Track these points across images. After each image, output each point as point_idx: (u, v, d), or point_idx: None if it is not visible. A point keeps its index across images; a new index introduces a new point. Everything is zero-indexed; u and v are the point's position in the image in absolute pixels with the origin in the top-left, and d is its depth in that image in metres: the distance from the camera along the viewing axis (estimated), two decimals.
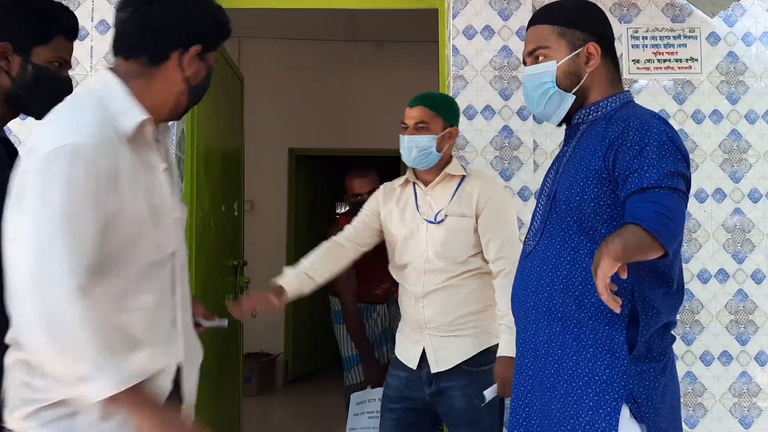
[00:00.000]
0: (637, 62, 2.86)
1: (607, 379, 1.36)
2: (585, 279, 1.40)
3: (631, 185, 1.33)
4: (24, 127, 2.62)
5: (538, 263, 1.49)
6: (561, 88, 1.52)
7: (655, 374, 1.39)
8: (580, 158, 1.46)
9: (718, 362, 2.76)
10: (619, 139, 1.39)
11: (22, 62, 1.52)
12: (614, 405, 1.35)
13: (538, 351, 1.47)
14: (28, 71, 1.53)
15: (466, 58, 2.80)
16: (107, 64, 2.73)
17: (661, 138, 1.36)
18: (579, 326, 1.41)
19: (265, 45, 5.70)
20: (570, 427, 1.37)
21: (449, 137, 2.17)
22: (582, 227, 1.43)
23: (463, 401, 2.07)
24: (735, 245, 2.81)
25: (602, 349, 1.38)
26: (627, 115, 1.44)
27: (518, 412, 1.50)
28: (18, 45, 1.51)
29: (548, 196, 1.53)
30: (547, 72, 1.52)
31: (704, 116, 2.85)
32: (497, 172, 2.76)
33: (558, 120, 1.57)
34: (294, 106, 5.75)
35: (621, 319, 1.38)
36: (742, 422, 2.75)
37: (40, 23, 1.54)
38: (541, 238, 1.51)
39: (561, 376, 1.41)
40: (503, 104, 2.78)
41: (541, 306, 1.46)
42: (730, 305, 2.78)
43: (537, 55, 1.54)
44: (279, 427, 4.73)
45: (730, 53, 2.88)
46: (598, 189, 1.41)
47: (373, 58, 5.81)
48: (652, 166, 1.33)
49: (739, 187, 2.83)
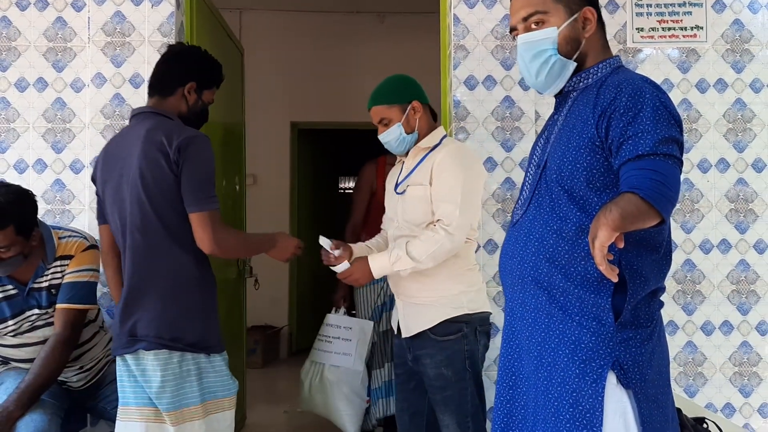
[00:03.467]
0: (641, 30, 2.82)
1: (593, 346, 1.36)
2: (572, 248, 1.40)
3: (626, 152, 1.31)
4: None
5: (525, 233, 1.48)
6: (562, 55, 1.47)
7: (642, 340, 1.38)
8: (572, 126, 1.44)
9: (719, 332, 2.77)
10: (611, 106, 1.36)
11: (197, 98, 2.10)
12: (600, 372, 1.35)
13: (525, 320, 1.48)
14: (198, 105, 2.11)
15: (467, 27, 2.76)
16: (104, 36, 2.70)
17: (654, 103, 1.34)
18: (565, 295, 1.41)
19: (266, 17, 5.64)
20: (557, 393, 1.38)
21: (414, 113, 2.22)
22: (572, 197, 1.41)
23: (432, 368, 2.13)
24: (738, 215, 2.80)
25: (588, 317, 1.38)
26: (618, 80, 1.41)
27: (505, 380, 1.51)
28: (198, 85, 2.09)
29: (537, 165, 1.51)
30: (547, 39, 1.47)
31: (708, 85, 2.82)
32: (498, 143, 2.74)
33: (557, 90, 1.53)
34: (295, 78, 5.70)
35: (607, 287, 1.37)
36: (741, 391, 2.77)
37: (213, 75, 2.14)
38: (528, 207, 1.50)
39: (547, 344, 1.42)
40: (505, 74, 2.76)
41: (527, 276, 1.46)
42: (732, 275, 2.78)
43: (533, 22, 1.48)
44: (283, 399, 4.78)
45: (736, 21, 2.84)
46: (591, 157, 1.39)
47: (375, 30, 5.75)
48: (647, 132, 1.31)
49: (743, 156, 2.81)
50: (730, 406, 2.77)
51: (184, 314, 1.92)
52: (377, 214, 3.13)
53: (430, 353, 2.13)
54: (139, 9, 2.72)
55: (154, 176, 1.90)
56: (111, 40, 2.72)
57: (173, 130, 1.93)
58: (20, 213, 2.09)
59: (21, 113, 2.73)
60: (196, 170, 1.91)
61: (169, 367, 1.89)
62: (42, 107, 2.74)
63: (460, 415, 2.11)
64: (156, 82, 2.08)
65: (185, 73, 2.07)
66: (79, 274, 2.22)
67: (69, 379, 2.32)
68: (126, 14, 2.72)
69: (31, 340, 2.23)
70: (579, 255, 1.37)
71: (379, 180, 3.24)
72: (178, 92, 2.06)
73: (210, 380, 1.98)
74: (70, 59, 2.74)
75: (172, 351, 1.90)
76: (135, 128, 2.00)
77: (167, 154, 1.89)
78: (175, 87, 2.06)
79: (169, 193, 1.90)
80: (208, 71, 2.13)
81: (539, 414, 1.41)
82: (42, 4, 2.75)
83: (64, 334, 2.17)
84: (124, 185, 1.95)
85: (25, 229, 2.11)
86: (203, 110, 2.14)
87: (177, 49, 2.15)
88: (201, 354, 1.95)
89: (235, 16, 5.52)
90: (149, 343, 1.89)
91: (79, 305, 2.20)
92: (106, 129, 2.70)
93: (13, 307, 2.18)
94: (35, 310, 2.20)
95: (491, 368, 2.62)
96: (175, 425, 1.88)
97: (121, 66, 2.71)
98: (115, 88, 2.71)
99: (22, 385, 2.10)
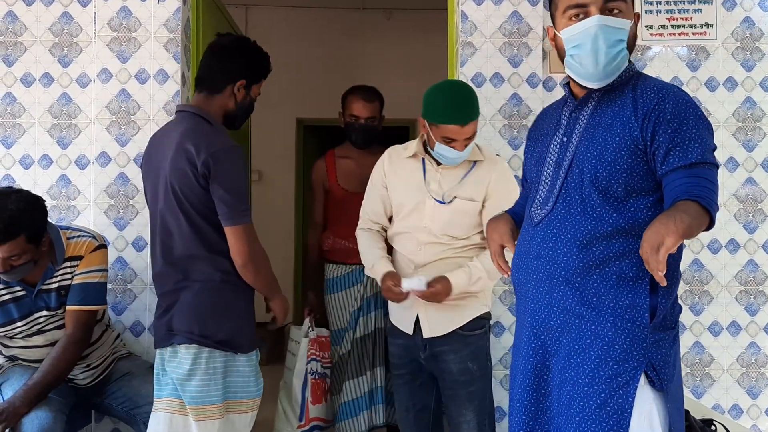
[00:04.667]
0: (650, 28, 2.79)
1: (627, 347, 1.37)
2: (606, 249, 1.40)
3: (675, 159, 1.35)
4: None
5: (554, 233, 1.47)
6: (628, 49, 1.44)
7: (669, 342, 1.41)
8: (607, 127, 1.43)
9: (726, 332, 2.75)
10: (655, 111, 1.38)
11: (245, 94, 2.05)
12: (633, 373, 1.36)
13: (551, 321, 1.46)
14: (246, 101, 2.07)
15: (475, 24, 2.74)
16: (110, 31, 2.69)
17: (697, 112, 1.39)
18: (598, 296, 1.41)
19: (273, 13, 5.63)
20: (583, 394, 1.38)
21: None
22: (607, 198, 1.41)
23: (457, 364, 2.13)
24: (746, 215, 2.77)
25: (623, 317, 1.39)
26: (656, 85, 1.43)
27: (527, 382, 1.49)
28: (248, 81, 2.04)
29: (558, 164, 1.50)
30: (623, 30, 1.42)
31: (718, 83, 2.79)
32: (505, 140, 2.72)
33: (608, 82, 1.45)
34: (301, 75, 5.69)
35: (643, 288, 1.39)
36: (749, 392, 2.74)
37: (262, 68, 2.09)
38: (554, 207, 1.48)
39: (577, 345, 1.41)
40: (512, 71, 2.74)
41: (557, 276, 1.45)
42: (740, 275, 2.76)
43: (614, 8, 1.41)
44: None
45: (746, 18, 2.81)
46: (631, 160, 1.40)
47: (382, 27, 5.73)
48: (694, 140, 1.35)
49: (752, 156, 2.78)
50: (738, 407, 2.74)
51: (214, 313, 1.94)
52: (337, 212, 2.99)
53: (454, 348, 2.13)
54: (145, 4, 2.71)
55: (182, 187, 1.90)
56: (117, 35, 2.71)
57: (204, 140, 1.90)
58: (31, 222, 2.06)
59: (27, 108, 2.73)
60: (227, 184, 1.88)
61: (198, 363, 1.92)
62: (48, 103, 2.73)
63: (481, 413, 2.13)
64: (205, 77, 2.03)
65: (236, 71, 2.01)
66: (89, 275, 2.21)
67: (76, 377, 2.32)
68: (132, 9, 2.71)
69: (39, 343, 2.22)
70: (614, 255, 1.39)
71: (330, 176, 3.03)
72: (227, 90, 2.01)
73: (233, 379, 1.98)
74: (76, 54, 2.74)
75: (201, 347, 1.92)
76: (175, 128, 1.98)
77: (195, 165, 1.87)
78: (225, 85, 2.01)
79: (199, 205, 1.90)
80: (258, 67, 2.07)
81: (563, 414, 1.41)
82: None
83: (76, 335, 2.17)
84: (160, 187, 1.96)
85: (36, 237, 2.08)
86: (250, 105, 2.10)
87: (227, 43, 2.07)
88: (229, 352, 1.96)
89: (241, 11, 5.51)
90: (182, 337, 1.92)
91: (90, 306, 2.20)
92: (112, 124, 2.69)
93: (21, 308, 2.17)
94: (44, 312, 2.19)
95: (497, 367, 2.60)
96: (197, 421, 1.91)
97: (127, 61, 2.70)
98: (121, 84, 2.70)
99: (30, 383, 2.10)
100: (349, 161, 3.00)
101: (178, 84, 2.70)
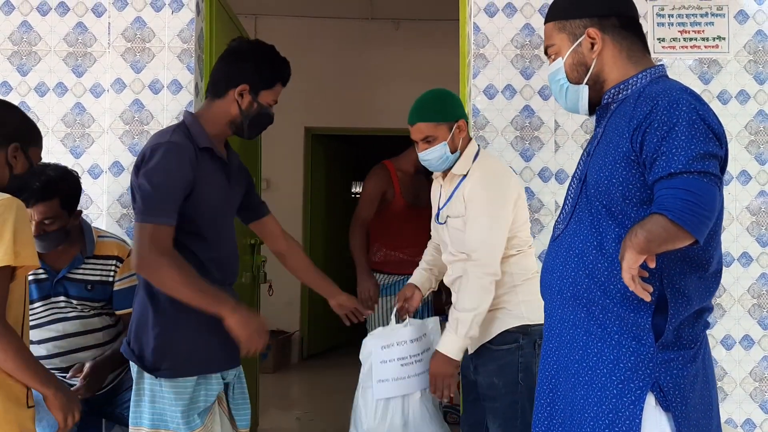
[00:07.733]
0: (662, 41, 2.79)
1: (632, 366, 1.34)
2: (611, 265, 1.37)
3: (659, 170, 1.28)
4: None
5: (565, 248, 1.46)
6: (571, 81, 1.51)
7: (684, 362, 1.35)
8: (609, 140, 1.42)
9: (739, 346, 2.73)
10: (647, 119, 1.32)
11: (251, 100, 1.88)
12: (638, 393, 1.32)
13: (562, 337, 1.45)
14: (254, 108, 1.89)
15: (487, 36, 2.75)
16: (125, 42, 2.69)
17: (690, 116, 1.29)
18: (604, 312, 1.38)
19: (282, 22, 5.65)
20: (593, 413, 1.36)
21: (459, 132, 2.12)
22: (610, 211, 1.39)
23: (485, 377, 2.11)
24: (759, 228, 2.76)
25: (627, 335, 1.35)
26: (655, 92, 1.37)
27: (543, 398, 1.49)
28: (252, 87, 1.87)
29: (579, 179, 1.49)
30: (558, 69, 1.53)
31: (730, 96, 2.79)
32: (517, 152, 2.72)
33: (585, 110, 1.54)
34: (310, 84, 5.69)
35: (647, 306, 1.34)
36: (762, 407, 2.73)
37: (271, 73, 1.91)
38: (569, 222, 1.48)
39: (585, 363, 1.39)
40: (524, 83, 2.74)
41: (566, 291, 1.44)
42: (753, 289, 2.75)
43: (551, 54, 1.55)
44: (295, 404, 4.77)
45: (759, 32, 2.81)
46: (626, 171, 1.36)
47: (390, 37, 5.75)
48: (680, 148, 1.26)
49: (765, 169, 2.78)
50: (751, 421, 2.72)
51: (139, 328, 1.82)
52: (395, 225, 3.08)
53: (484, 362, 2.10)
54: (159, 15, 2.73)
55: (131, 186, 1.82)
56: (131, 45, 2.73)
57: (154, 138, 1.81)
58: (66, 187, 2.21)
59: (40, 118, 2.74)
60: (146, 178, 1.73)
61: (132, 377, 1.83)
62: (61, 112, 2.75)
63: (506, 430, 2.03)
64: (210, 81, 1.93)
65: (237, 75, 1.86)
66: (131, 279, 2.31)
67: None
68: (146, 20, 2.73)
69: (49, 334, 2.26)
70: (618, 271, 1.32)
71: (396, 188, 3.11)
72: (228, 95, 1.87)
73: (161, 406, 1.78)
74: (90, 64, 2.75)
75: (132, 362, 1.82)
76: None
77: (138, 166, 1.78)
78: (226, 89, 1.87)
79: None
80: (265, 71, 1.89)
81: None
82: (63, 9, 2.76)
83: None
84: None
85: (69, 204, 2.22)
86: (262, 113, 1.92)
87: (234, 47, 1.93)
88: (152, 374, 1.77)
89: (251, 21, 5.53)
90: (124, 348, 1.85)
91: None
92: (125, 134, 2.71)
93: (41, 290, 2.27)
94: (62, 297, 2.27)
95: None
96: None
97: (141, 72, 2.72)
98: (135, 94, 2.72)
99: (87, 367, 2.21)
100: (407, 176, 3.14)
101: (191, 94, 2.71)
